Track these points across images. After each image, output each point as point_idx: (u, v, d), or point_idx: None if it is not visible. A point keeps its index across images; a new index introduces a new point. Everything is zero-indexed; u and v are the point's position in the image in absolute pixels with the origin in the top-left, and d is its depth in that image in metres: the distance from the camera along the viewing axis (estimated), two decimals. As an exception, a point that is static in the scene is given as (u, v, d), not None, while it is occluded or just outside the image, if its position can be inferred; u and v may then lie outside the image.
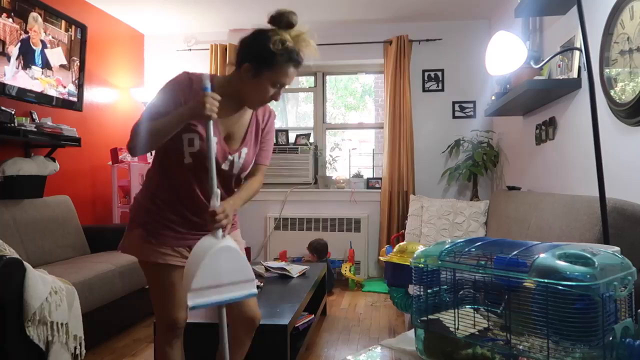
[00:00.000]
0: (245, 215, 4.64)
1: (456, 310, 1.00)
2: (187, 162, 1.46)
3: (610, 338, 0.81)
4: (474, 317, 0.98)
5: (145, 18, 4.45)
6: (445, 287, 1.04)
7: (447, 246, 1.04)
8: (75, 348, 2.30)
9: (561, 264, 0.84)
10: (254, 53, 1.42)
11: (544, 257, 0.87)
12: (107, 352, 2.69)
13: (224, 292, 1.31)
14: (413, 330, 1.10)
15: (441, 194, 4.45)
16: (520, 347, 0.89)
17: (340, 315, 3.33)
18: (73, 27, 3.45)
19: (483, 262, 0.95)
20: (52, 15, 3.22)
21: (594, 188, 1.56)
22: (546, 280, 0.82)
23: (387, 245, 4.14)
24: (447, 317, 1.03)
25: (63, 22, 3.34)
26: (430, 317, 1.04)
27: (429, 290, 1.05)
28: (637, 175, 1.86)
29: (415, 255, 1.11)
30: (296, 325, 2.48)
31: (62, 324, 2.22)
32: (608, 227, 1.52)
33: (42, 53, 3.17)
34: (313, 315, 2.70)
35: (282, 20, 1.43)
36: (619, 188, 1.93)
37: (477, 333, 0.97)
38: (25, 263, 2.15)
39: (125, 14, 4.37)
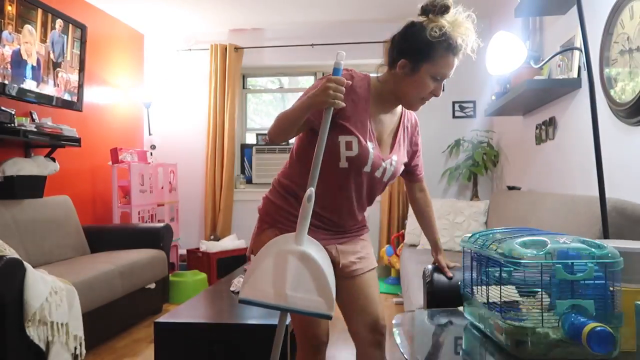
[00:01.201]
0: (246, 215, 4.65)
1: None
2: (342, 167, 1.35)
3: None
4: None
5: (145, 18, 4.45)
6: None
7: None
8: (75, 348, 2.30)
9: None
10: (410, 46, 1.32)
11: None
12: (107, 352, 2.69)
13: (284, 299, 1.20)
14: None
15: (441, 194, 4.44)
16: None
17: (340, 315, 3.32)
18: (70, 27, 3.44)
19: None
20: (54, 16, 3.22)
21: (594, 188, 1.56)
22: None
23: (387, 245, 4.14)
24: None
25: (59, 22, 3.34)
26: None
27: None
28: (637, 175, 1.86)
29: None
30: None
31: (62, 324, 2.23)
32: (608, 227, 1.52)
33: (35, 67, 3.13)
34: None
35: (435, 5, 1.32)
36: (619, 188, 1.93)
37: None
38: (25, 263, 2.15)
39: (125, 14, 4.37)
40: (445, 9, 1.31)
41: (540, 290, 0.98)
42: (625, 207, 1.64)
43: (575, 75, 2.39)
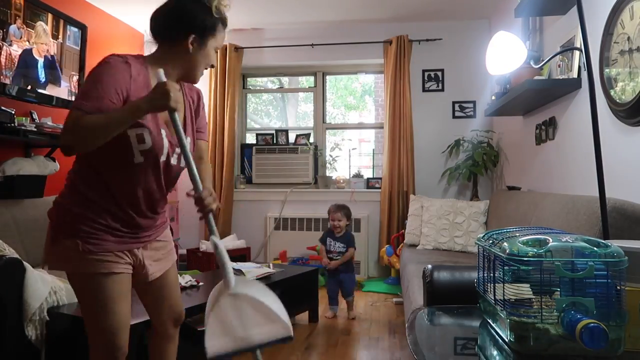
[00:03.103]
0: (245, 215, 4.65)
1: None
2: (137, 162, 1.32)
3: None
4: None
5: (145, 18, 4.43)
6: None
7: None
8: (75, 348, 2.30)
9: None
10: (197, 23, 1.36)
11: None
12: (107, 352, 2.68)
13: (245, 341, 1.26)
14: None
15: (441, 194, 4.45)
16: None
17: (340, 315, 3.33)
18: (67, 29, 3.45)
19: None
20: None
21: (594, 188, 1.56)
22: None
23: (387, 245, 4.14)
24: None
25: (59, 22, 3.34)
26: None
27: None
28: (637, 175, 1.86)
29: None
30: (199, 329, 2.43)
31: (62, 324, 2.22)
32: (608, 227, 1.52)
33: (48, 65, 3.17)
34: None
35: None
36: (619, 188, 1.93)
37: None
38: (25, 263, 2.15)
39: (125, 14, 4.37)
40: None
41: (558, 289, 0.99)
42: (625, 207, 1.64)
43: (575, 76, 2.39)
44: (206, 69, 1.45)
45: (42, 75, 3.20)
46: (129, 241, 1.40)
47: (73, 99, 3.51)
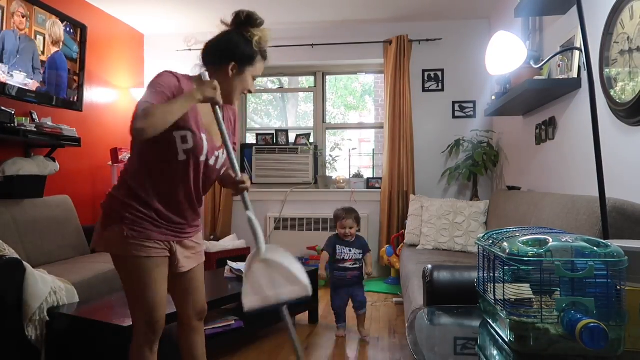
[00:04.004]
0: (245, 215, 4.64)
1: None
2: (180, 159, 1.52)
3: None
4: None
5: (145, 18, 4.45)
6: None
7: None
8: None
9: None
10: (237, 52, 1.60)
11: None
12: (107, 352, 2.69)
13: (272, 299, 1.54)
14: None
15: (441, 194, 4.45)
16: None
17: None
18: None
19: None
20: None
21: (594, 188, 1.56)
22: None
23: (387, 245, 4.14)
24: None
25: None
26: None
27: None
28: (637, 175, 1.86)
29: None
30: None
31: (62, 324, 2.22)
32: (608, 227, 1.52)
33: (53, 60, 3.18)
34: (234, 321, 2.57)
35: (255, 20, 1.65)
36: (619, 188, 1.93)
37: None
38: (25, 263, 2.16)
39: (125, 14, 4.37)
40: (260, 25, 1.66)
41: (558, 289, 0.99)
42: (625, 207, 1.64)
43: (575, 75, 2.39)
44: (243, 93, 1.66)
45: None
46: (167, 232, 1.57)
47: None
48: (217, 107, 1.52)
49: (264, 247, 1.57)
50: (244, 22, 1.65)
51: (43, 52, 3.17)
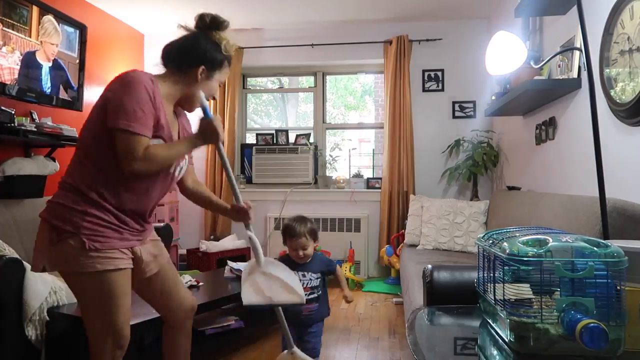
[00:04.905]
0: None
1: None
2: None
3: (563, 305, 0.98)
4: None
5: (145, 18, 4.45)
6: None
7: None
8: (75, 348, 2.29)
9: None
10: (207, 56, 1.53)
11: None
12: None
13: (269, 299, 1.67)
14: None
15: (441, 194, 4.45)
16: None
17: (340, 315, 3.33)
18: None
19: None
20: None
21: (594, 188, 1.56)
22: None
23: (387, 245, 4.14)
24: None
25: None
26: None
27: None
28: (637, 175, 1.86)
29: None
30: (199, 329, 2.46)
31: (62, 324, 2.22)
32: (608, 227, 1.52)
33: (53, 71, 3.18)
34: (234, 321, 2.59)
35: (221, 23, 1.58)
36: (619, 188, 1.93)
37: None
38: (25, 263, 2.15)
39: (125, 14, 4.37)
40: (226, 26, 1.60)
41: (558, 289, 0.99)
42: (625, 207, 1.64)
43: (575, 76, 2.39)
44: (207, 99, 1.58)
45: (46, 85, 3.19)
46: (130, 238, 1.47)
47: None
48: (221, 143, 1.53)
49: (263, 260, 1.70)
50: (209, 26, 1.56)
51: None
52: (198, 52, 1.52)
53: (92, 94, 4.06)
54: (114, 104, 1.34)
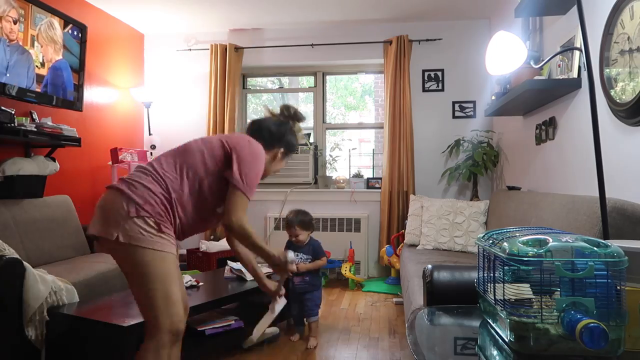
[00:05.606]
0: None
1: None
2: (219, 211, 1.75)
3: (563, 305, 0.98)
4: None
5: (145, 18, 4.45)
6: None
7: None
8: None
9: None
10: (290, 142, 1.97)
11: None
12: (107, 352, 2.68)
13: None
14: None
15: (441, 194, 4.45)
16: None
17: (340, 315, 3.33)
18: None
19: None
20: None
21: (594, 188, 1.56)
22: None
23: (387, 245, 4.14)
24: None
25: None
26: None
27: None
28: (637, 175, 1.86)
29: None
30: (199, 329, 2.46)
31: (62, 324, 2.22)
32: (608, 227, 1.52)
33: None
34: (233, 321, 2.59)
35: (301, 116, 2.02)
36: (619, 188, 1.93)
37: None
38: (25, 263, 2.15)
39: (125, 14, 4.37)
40: (303, 119, 2.04)
41: (558, 289, 0.99)
42: (625, 208, 1.64)
43: (575, 76, 2.39)
44: (273, 173, 1.98)
45: (46, 85, 3.20)
46: (174, 239, 1.70)
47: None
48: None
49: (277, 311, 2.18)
50: (292, 117, 2.00)
51: (42, 64, 3.14)
52: (283, 138, 1.94)
53: (92, 94, 4.07)
54: (243, 167, 1.68)
